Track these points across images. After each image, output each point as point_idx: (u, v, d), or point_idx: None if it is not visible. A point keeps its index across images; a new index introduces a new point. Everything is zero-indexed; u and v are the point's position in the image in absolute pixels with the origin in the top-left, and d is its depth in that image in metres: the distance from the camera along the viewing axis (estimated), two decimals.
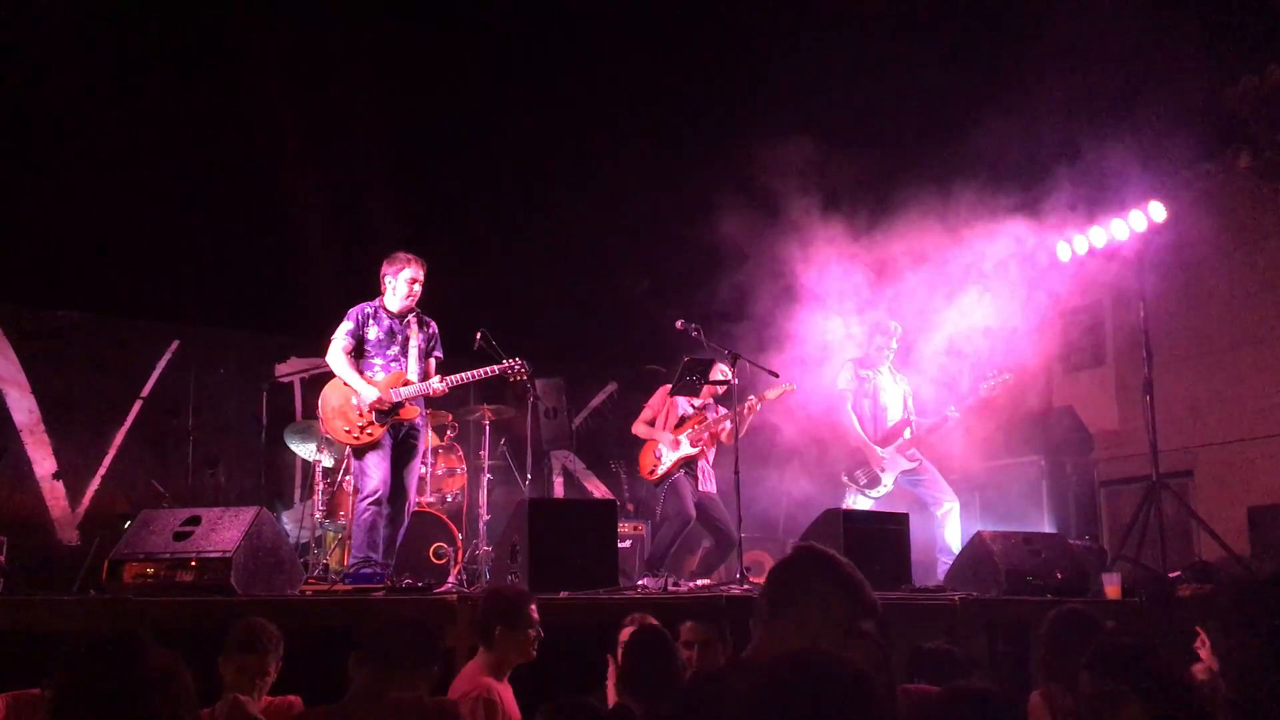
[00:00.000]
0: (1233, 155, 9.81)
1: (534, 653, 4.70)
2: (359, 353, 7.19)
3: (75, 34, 8.89)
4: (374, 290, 7.38)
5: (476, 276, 10.41)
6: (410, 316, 7.31)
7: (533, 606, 4.76)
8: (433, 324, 7.44)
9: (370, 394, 6.99)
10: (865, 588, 2.89)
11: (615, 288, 10.30)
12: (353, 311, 7.23)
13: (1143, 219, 9.32)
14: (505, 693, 4.52)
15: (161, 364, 10.47)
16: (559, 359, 11.34)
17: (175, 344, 10.52)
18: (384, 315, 7.26)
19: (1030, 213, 9.50)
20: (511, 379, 7.42)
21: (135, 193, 9.48)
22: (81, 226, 9.50)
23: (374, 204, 10.03)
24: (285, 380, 10.60)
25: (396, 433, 7.16)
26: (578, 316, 11.12)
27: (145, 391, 10.35)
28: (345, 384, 7.10)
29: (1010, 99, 9.14)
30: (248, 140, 9.61)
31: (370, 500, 6.96)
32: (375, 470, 7.02)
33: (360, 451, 7.08)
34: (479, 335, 7.68)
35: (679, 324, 8.15)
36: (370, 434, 7.01)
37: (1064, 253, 10.10)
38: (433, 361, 7.39)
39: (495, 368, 7.31)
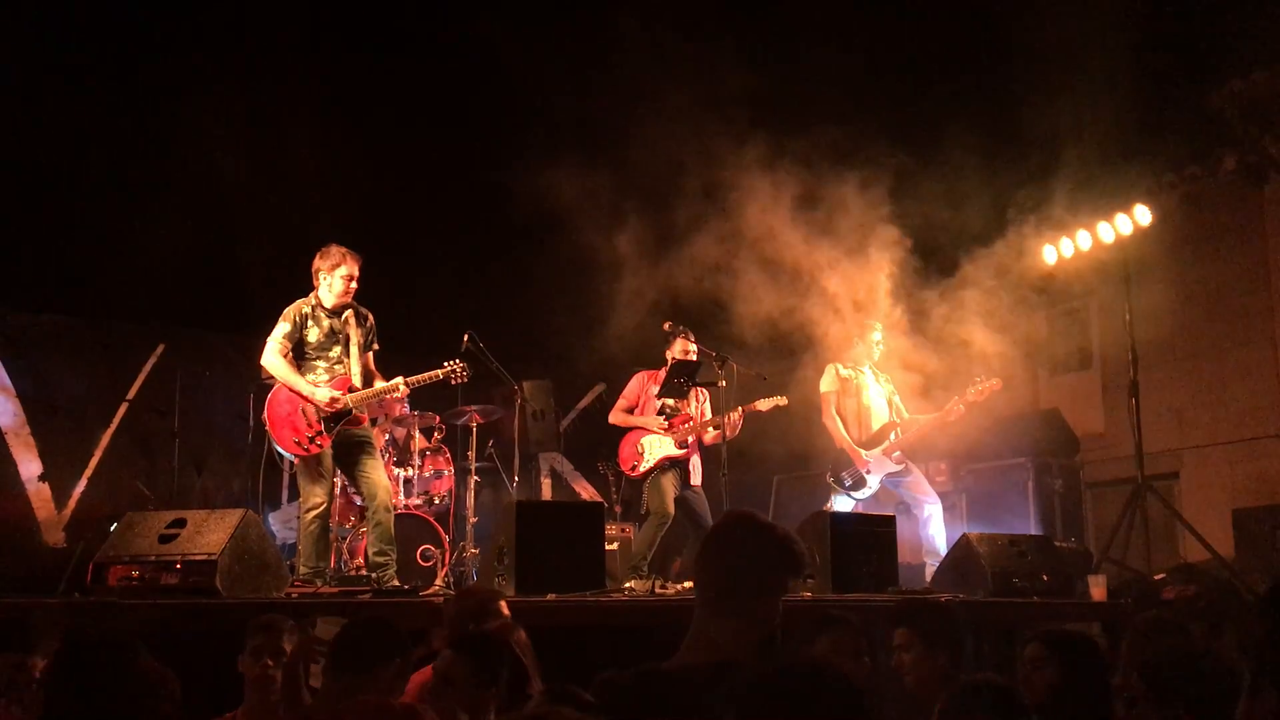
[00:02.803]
0: (1218, 158, 9.86)
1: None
2: (299, 355, 6.82)
3: (49, 39, 8.91)
4: (365, 292, 7.09)
5: (465, 279, 10.41)
6: (347, 311, 6.95)
7: (502, 603, 4.77)
8: (370, 316, 7.07)
9: (323, 395, 6.65)
10: (794, 542, 2.88)
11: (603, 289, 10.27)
12: (289, 311, 6.83)
13: (1128, 222, 9.35)
14: None
15: (147, 367, 10.46)
16: (547, 360, 11.33)
17: (161, 347, 10.51)
18: (322, 314, 6.87)
19: (1016, 215, 9.52)
20: (454, 382, 7.20)
21: (119, 196, 9.45)
22: (66, 230, 9.49)
23: (360, 208, 10.01)
24: (270, 382, 10.57)
25: (345, 440, 6.84)
26: (566, 317, 11.09)
27: (131, 394, 10.33)
28: (291, 391, 6.73)
29: (995, 100, 9.18)
30: (229, 146, 9.56)
31: (316, 513, 6.69)
32: (320, 484, 6.72)
33: (306, 463, 6.75)
34: (466, 337, 7.67)
35: (666, 325, 8.19)
36: (319, 445, 6.68)
37: (1050, 255, 10.14)
38: (370, 355, 7.07)
39: (439, 372, 7.07)
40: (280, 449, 6.91)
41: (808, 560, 2.89)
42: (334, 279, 6.83)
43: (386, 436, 8.90)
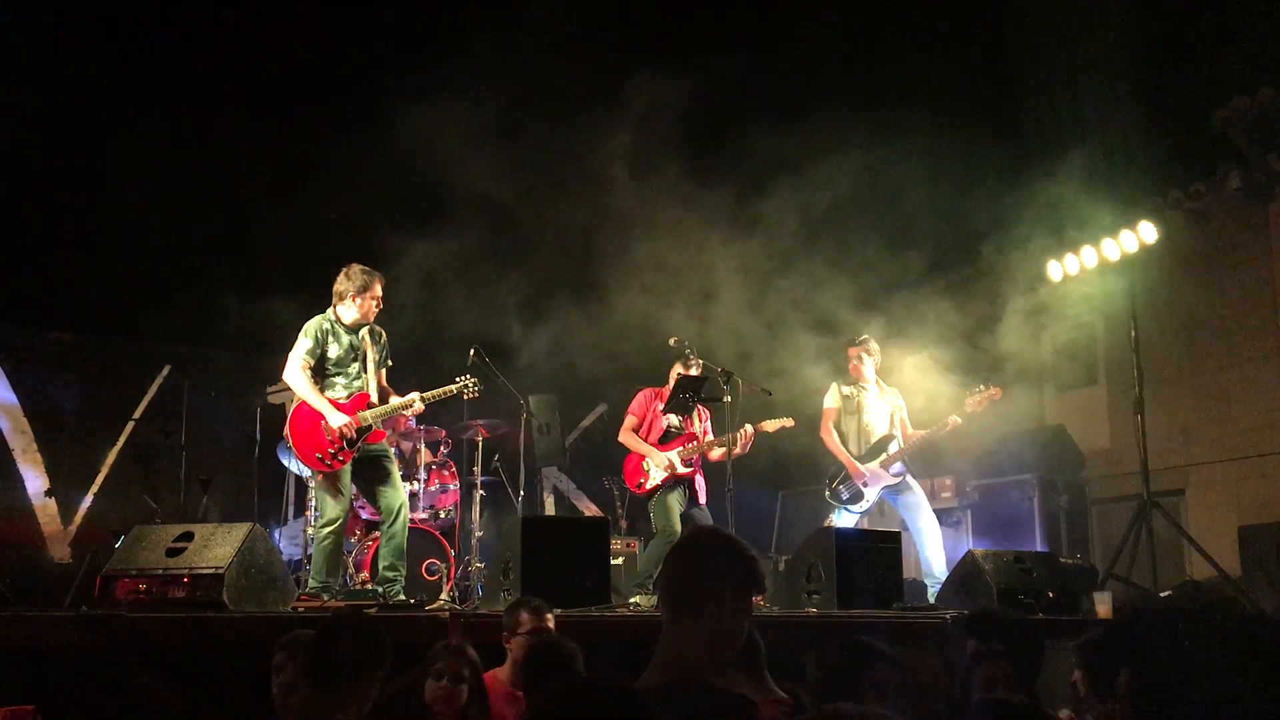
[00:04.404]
0: (1223, 175, 9.88)
1: None
2: (318, 371, 6.82)
3: (55, 61, 8.96)
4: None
5: (474, 294, 10.42)
6: (363, 328, 6.97)
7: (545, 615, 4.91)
8: (384, 334, 7.15)
9: (339, 420, 6.65)
10: (756, 560, 2.91)
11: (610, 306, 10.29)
12: (310, 327, 6.83)
13: (1134, 238, 9.36)
14: None
15: (154, 387, 10.49)
16: (550, 377, 11.33)
17: (167, 368, 10.55)
18: (341, 330, 6.89)
19: (1022, 231, 9.53)
20: (466, 397, 7.27)
21: (128, 217, 9.49)
22: (73, 250, 9.53)
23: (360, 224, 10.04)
24: (277, 400, 10.60)
25: (364, 456, 6.87)
26: (569, 334, 11.11)
27: (137, 414, 10.37)
28: (311, 408, 6.71)
29: (1001, 117, 9.20)
30: (235, 168, 9.59)
31: (332, 528, 6.69)
32: (340, 498, 6.73)
33: (327, 478, 6.76)
34: (472, 351, 7.69)
35: (672, 341, 8.19)
36: (342, 460, 6.69)
37: (1055, 272, 10.15)
38: (383, 372, 7.11)
39: (452, 387, 7.12)
40: (302, 464, 6.92)
41: (765, 579, 2.93)
42: (362, 300, 6.86)
43: (393, 450, 8.90)
